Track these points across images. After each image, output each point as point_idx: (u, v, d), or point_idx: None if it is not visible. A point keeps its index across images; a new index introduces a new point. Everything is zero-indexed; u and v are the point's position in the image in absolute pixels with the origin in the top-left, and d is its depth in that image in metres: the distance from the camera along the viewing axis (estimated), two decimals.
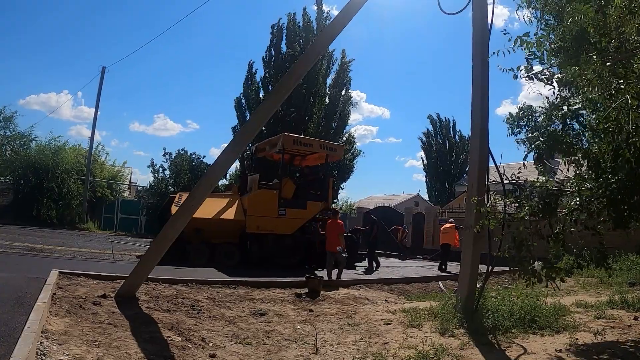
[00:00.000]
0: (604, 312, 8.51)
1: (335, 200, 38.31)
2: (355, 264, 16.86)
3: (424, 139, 57.68)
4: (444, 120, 57.35)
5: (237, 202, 15.71)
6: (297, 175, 18.70)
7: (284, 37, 33.25)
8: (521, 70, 6.56)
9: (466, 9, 8.78)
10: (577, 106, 6.38)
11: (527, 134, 7.07)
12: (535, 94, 6.89)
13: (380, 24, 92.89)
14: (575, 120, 6.66)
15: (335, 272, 13.26)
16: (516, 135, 7.30)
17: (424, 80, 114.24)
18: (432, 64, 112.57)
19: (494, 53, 6.76)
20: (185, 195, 15.58)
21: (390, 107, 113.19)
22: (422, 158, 58.12)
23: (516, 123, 7.25)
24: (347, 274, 13.89)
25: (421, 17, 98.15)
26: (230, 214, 15.17)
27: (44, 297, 6.96)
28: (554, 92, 6.85)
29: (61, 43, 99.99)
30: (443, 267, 17.40)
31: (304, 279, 11.04)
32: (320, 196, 16.36)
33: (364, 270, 16.12)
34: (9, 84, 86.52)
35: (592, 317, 8.28)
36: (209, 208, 13.38)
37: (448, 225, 18.70)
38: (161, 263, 10.92)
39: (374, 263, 17.02)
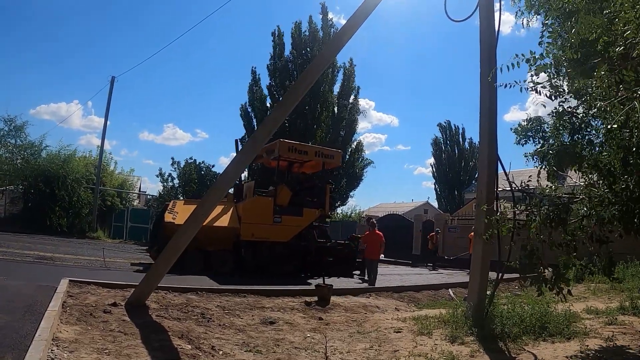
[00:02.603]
0: (615, 318, 8.42)
1: (336, 208, 38.27)
2: (354, 272, 16.58)
3: (434, 146, 57.68)
4: (454, 127, 57.45)
5: (232, 209, 15.44)
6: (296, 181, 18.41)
7: (289, 45, 33.48)
8: (528, 83, 6.55)
9: (473, 16, 8.82)
10: (583, 114, 6.35)
11: (536, 145, 7.00)
12: (542, 103, 6.84)
13: (388, 32, 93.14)
14: (583, 129, 6.60)
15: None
16: (523, 146, 7.23)
17: (432, 87, 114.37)
18: (441, 72, 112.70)
19: (500, 68, 6.72)
20: (179, 203, 15.57)
21: (398, 115, 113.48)
22: (432, 165, 58.18)
23: (524, 134, 7.19)
24: (347, 282, 13.87)
25: (429, 24, 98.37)
26: (224, 221, 14.92)
27: (55, 305, 6.99)
28: (560, 104, 6.83)
29: (72, 55, 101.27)
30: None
31: (313, 287, 11.04)
32: (317, 203, 16.17)
33: (360, 279, 15.74)
34: (20, 94, 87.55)
35: (603, 323, 8.20)
36: None
37: None
38: None
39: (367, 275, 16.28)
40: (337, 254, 16.29)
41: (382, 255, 15.30)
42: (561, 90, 6.69)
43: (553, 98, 6.65)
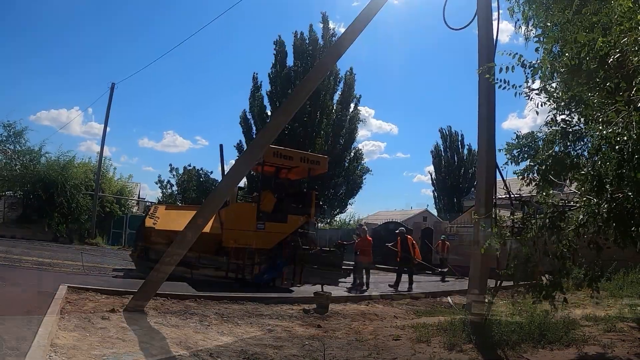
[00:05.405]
0: (614, 325, 8.42)
1: (335, 216, 38.18)
2: (339, 280, 15.96)
3: (434, 153, 57.58)
4: (454, 133, 57.19)
5: (214, 214, 15.10)
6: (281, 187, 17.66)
7: (290, 53, 33.69)
8: (523, 88, 6.57)
9: (471, 24, 8.88)
10: (577, 121, 6.37)
11: (529, 162, 6.94)
12: (538, 108, 6.82)
13: (388, 40, 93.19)
14: (577, 137, 6.60)
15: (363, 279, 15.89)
16: (519, 164, 7.19)
17: (432, 97, 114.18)
18: (440, 80, 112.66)
19: (500, 67, 6.76)
20: (160, 208, 15.47)
21: (398, 123, 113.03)
22: (430, 173, 58.05)
23: (519, 150, 7.13)
24: (332, 289, 13.73)
25: (429, 33, 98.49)
26: (206, 226, 14.32)
27: (53, 311, 7.02)
28: (551, 110, 6.85)
29: (74, 61, 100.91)
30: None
31: (311, 295, 11.03)
32: (302, 210, 15.81)
33: (349, 286, 15.64)
34: (20, 100, 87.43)
35: (602, 330, 8.19)
36: (184, 220, 11.24)
37: None
38: (133, 277, 10.87)
39: (359, 280, 16.13)
40: (323, 261, 15.73)
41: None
42: (555, 97, 6.71)
43: (544, 105, 6.68)
